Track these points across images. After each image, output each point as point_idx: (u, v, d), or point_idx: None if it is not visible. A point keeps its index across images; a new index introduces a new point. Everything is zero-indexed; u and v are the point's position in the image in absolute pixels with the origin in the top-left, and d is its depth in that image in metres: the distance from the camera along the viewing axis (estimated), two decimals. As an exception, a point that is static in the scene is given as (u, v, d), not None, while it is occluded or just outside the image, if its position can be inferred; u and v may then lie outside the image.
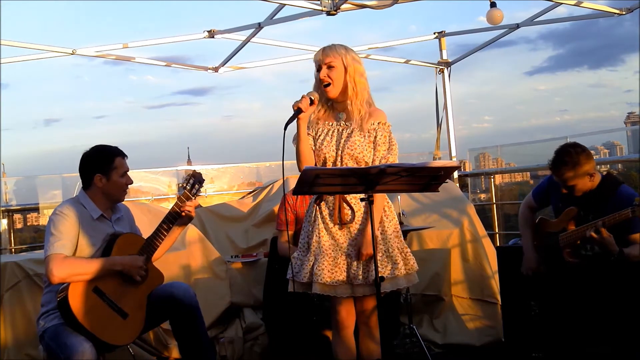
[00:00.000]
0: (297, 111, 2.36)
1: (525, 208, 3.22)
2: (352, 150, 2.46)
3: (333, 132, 2.51)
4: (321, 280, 2.38)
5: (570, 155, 2.79)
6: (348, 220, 2.45)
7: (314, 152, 2.51)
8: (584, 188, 2.85)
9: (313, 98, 2.41)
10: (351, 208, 2.46)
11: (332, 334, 2.59)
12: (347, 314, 2.51)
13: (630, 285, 2.79)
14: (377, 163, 2.48)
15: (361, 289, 2.42)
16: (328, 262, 2.41)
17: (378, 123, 2.50)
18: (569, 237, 2.92)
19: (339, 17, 3.93)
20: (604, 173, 2.97)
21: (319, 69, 2.49)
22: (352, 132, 2.48)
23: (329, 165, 2.48)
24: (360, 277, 2.40)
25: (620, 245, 2.72)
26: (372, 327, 2.54)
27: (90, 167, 2.65)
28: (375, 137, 2.49)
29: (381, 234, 2.48)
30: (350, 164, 2.46)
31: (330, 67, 2.46)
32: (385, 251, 2.46)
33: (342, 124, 2.52)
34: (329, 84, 2.47)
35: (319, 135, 2.53)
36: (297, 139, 2.44)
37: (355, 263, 2.42)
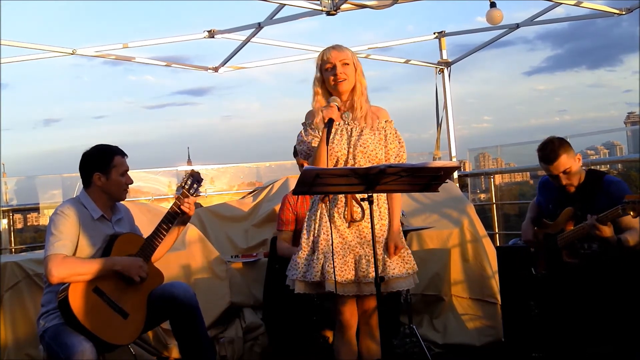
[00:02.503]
0: (330, 122, 2.38)
1: (533, 202, 3.32)
2: (364, 148, 2.48)
3: (342, 131, 2.53)
4: (334, 277, 2.38)
5: (552, 143, 2.89)
6: (358, 218, 2.47)
7: None
8: (573, 180, 2.88)
9: (339, 105, 2.47)
10: (361, 206, 2.47)
11: (335, 335, 2.58)
12: (351, 315, 2.51)
13: (630, 284, 2.79)
14: (392, 160, 2.54)
15: (370, 287, 2.42)
16: (338, 261, 2.42)
17: (385, 121, 2.58)
18: (566, 237, 2.93)
19: (338, 17, 3.95)
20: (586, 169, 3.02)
21: (328, 68, 2.51)
22: (362, 130, 2.51)
23: (341, 164, 2.49)
24: (372, 275, 2.39)
25: (615, 233, 2.74)
26: (373, 327, 2.55)
27: (89, 165, 2.66)
28: (385, 135, 2.55)
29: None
30: (363, 162, 2.48)
31: (345, 64, 2.52)
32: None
33: (350, 123, 2.53)
34: (343, 80, 2.50)
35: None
36: (320, 142, 2.43)
37: (364, 261, 2.43)
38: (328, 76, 2.52)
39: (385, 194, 2.54)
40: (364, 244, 2.45)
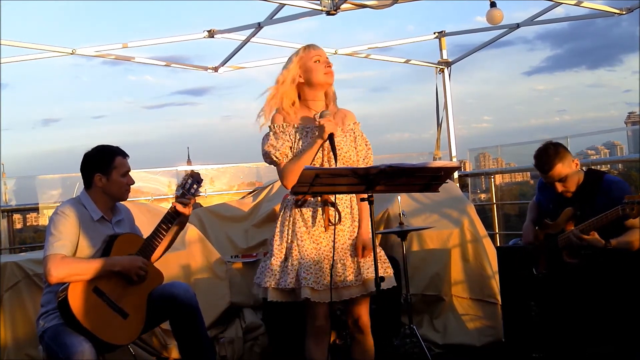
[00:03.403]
0: (331, 136, 2.38)
1: (533, 201, 3.31)
2: (338, 150, 2.43)
3: (313, 133, 2.47)
4: (310, 284, 2.34)
5: (547, 152, 2.88)
6: (334, 222, 2.43)
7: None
8: (569, 186, 2.89)
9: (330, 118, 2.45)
10: (337, 209, 2.44)
11: (309, 341, 2.50)
12: (327, 320, 2.47)
13: (631, 284, 2.79)
14: (361, 162, 2.53)
15: (348, 291, 2.40)
16: (312, 267, 2.38)
17: (353, 123, 2.59)
18: (566, 238, 2.92)
19: (338, 17, 3.94)
20: (585, 169, 3.02)
21: (318, 60, 2.50)
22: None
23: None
24: (349, 278, 2.39)
25: (617, 234, 2.74)
26: (365, 327, 2.53)
27: (90, 166, 2.65)
28: (355, 137, 2.56)
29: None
30: (338, 164, 2.43)
31: (329, 62, 2.54)
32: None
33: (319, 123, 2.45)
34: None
35: (298, 140, 2.48)
36: (306, 152, 2.41)
37: (339, 265, 2.40)
38: (319, 67, 2.49)
39: (355, 196, 2.51)
40: (339, 248, 2.42)
